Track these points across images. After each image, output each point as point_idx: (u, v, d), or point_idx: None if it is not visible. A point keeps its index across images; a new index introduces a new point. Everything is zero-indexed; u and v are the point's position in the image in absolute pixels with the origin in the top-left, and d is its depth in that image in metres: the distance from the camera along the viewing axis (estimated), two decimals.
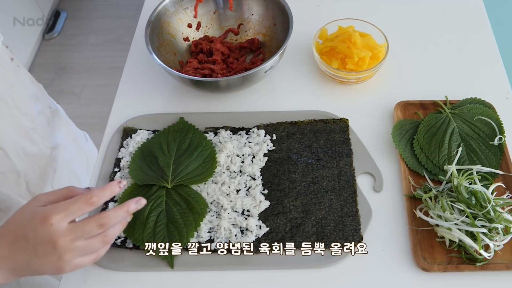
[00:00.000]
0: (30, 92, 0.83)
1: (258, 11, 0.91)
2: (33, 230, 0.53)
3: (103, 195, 0.55)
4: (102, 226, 0.55)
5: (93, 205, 0.54)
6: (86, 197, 0.54)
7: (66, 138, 0.89)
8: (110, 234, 0.56)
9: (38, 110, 0.83)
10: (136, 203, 0.58)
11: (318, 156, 0.75)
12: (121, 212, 0.57)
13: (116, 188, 0.57)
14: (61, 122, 0.90)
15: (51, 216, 0.53)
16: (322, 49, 0.86)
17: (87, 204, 0.54)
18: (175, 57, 0.88)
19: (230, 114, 0.82)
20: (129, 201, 0.58)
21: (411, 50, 0.90)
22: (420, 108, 0.80)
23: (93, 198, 0.54)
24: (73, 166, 0.88)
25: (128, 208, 0.57)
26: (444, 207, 0.65)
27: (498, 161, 0.72)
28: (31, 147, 0.78)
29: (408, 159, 0.74)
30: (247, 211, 0.70)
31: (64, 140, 0.88)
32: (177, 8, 0.89)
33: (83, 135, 1.01)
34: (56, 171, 0.82)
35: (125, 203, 0.58)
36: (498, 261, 0.64)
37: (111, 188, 0.56)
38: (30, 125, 0.79)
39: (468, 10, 0.96)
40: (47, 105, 0.87)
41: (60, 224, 0.53)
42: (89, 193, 0.55)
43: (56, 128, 0.88)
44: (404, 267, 0.65)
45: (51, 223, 0.52)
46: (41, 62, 2.14)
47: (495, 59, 0.88)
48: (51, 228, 0.52)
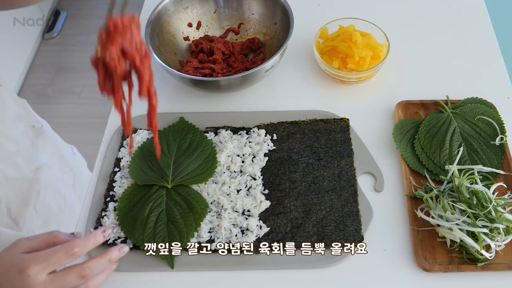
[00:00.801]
0: (12, 113, 0.79)
1: (258, 11, 0.91)
2: (9, 281, 0.51)
3: (85, 246, 0.54)
4: (84, 277, 0.53)
5: (74, 256, 0.53)
6: (67, 247, 0.53)
7: (50, 157, 0.85)
8: (92, 285, 0.54)
9: (21, 130, 0.80)
10: (119, 251, 0.57)
11: (318, 156, 0.75)
12: (104, 261, 0.55)
13: (100, 237, 0.56)
14: (45, 140, 0.85)
15: (29, 267, 0.51)
16: (322, 48, 0.86)
17: (68, 256, 0.52)
18: (175, 56, 0.88)
19: (230, 113, 0.81)
20: (111, 248, 0.57)
21: (412, 49, 0.90)
22: (421, 107, 0.80)
23: (75, 249, 0.53)
24: (59, 185, 0.85)
25: (111, 257, 0.56)
26: (445, 207, 0.65)
27: (499, 161, 0.72)
28: (13, 172, 0.75)
29: (409, 159, 0.73)
30: (248, 211, 0.70)
31: (48, 159, 0.84)
32: (177, 8, 0.89)
33: (71, 149, 0.96)
34: (39, 193, 0.79)
35: (108, 251, 0.56)
36: (499, 261, 0.64)
37: (94, 238, 0.55)
38: (13, 149, 0.75)
39: (469, 10, 0.96)
40: (30, 124, 0.83)
41: (37, 276, 0.51)
42: (71, 243, 0.53)
43: (40, 147, 0.83)
44: (405, 267, 0.65)
45: (28, 275, 0.50)
46: (41, 61, 2.14)
47: (497, 59, 0.88)
48: (28, 280, 0.50)
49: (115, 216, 0.70)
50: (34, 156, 0.80)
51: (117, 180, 0.74)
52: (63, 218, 0.83)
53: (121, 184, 0.73)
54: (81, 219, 0.71)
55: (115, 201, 0.71)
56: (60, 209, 0.83)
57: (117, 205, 0.70)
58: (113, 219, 0.69)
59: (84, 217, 0.71)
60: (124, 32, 0.54)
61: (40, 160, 0.81)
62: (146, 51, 0.56)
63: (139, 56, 0.55)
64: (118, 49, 0.54)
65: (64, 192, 0.85)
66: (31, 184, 0.77)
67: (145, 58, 0.56)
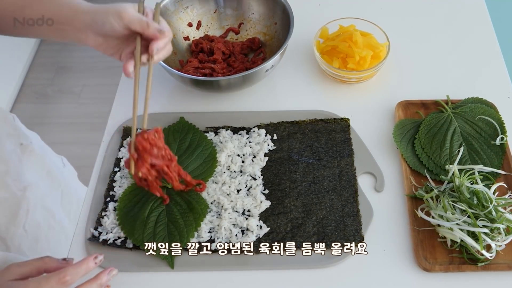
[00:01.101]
0: (1, 132, 0.78)
1: (258, 10, 0.91)
2: None
3: (77, 273, 0.54)
4: None
5: (65, 284, 0.53)
6: (59, 276, 0.52)
7: (38, 174, 0.84)
8: None
9: (10, 148, 0.79)
10: (108, 274, 0.57)
11: (319, 156, 0.75)
12: (95, 286, 0.56)
13: (92, 264, 0.56)
14: (33, 157, 0.83)
15: None
16: (323, 48, 0.86)
17: (59, 284, 0.52)
18: (176, 56, 0.88)
19: (230, 113, 0.81)
20: (100, 273, 0.57)
21: (413, 49, 0.90)
22: (421, 107, 0.80)
23: (67, 277, 0.53)
24: (47, 202, 0.84)
25: (101, 281, 0.56)
26: (446, 207, 0.65)
27: (500, 161, 0.72)
28: (3, 193, 0.74)
29: (409, 159, 0.73)
30: (248, 211, 0.70)
31: (36, 176, 0.83)
32: (177, 7, 0.89)
33: (61, 160, 0.95)
34: (29, 212, 0.78)
35: (97, 276, 0.56)
36: (499, 261, 0.64)
37: (86, 265, 0.55)
38: (3, 168, 0.75)
39: (470, 10, 0.96)
40: (18, 141, 0.81)
41: None
42: (63, 271, 0.53)
43: (28, 164, 0.82)
44: (405, 267, 0.65)
45: None
46: (41, 61, 2.13)
47: (497, 59, 0.87)
48: None
49: (115, 216, 0.69)
50: (22, 175, 0.79)
51: (117, 180, 0.74)
52: (52, 235, 0.83)
53: (121, 184, 0.73)
54: (81, 219, 0.71)
55: (115, 201, 0.71)
56: (50, 226, 0.83)
57: (117, 205, 0.70)
58: (113, 219, 0.69)
59: (84, 217, 0.71)
60: (152, 150, 0.61)
61: (28, 178, 0.80)
62: (171, 156, 0.64)
63: (166, 164, 0.63)
64: (148, 166, 0.62)
65: (53, 208, 0.85)
66: (20, 203, 0.77)
67: (171, 162, 0.64)
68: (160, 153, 0.62)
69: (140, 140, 0.61)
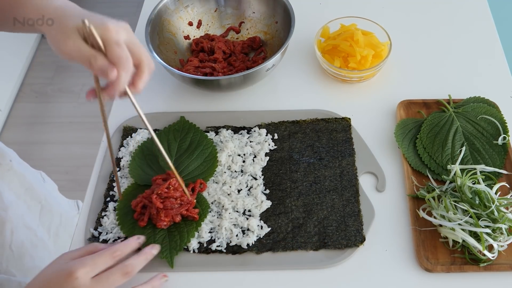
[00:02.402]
0: None
1: (259, 9, 0.90)
2: (58, 284, 0.54)
3: (125, 249, 0.59)
4: (127, 274, 0.57)
5: (116, 258, 0.58)
6: (110, 250, 0.58)
7: (17, 192, 0.84)
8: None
9: None
10: (160, 280, 0.61)
11: (320, 155, 0.74)
12: (143, 260, 0.60)
13: (135, 243, 0.62)
14: (11, 175, 0.83)
15: (77, 270, 0.54)
16: (324, 47, 0.85)
17: (112, 258, 0.57)
18: (176, 55, 0.87)
19: (231, 113, 0.81)
20: (153, 278, 0.61)
21: (414, 48, 0.89)
22: (423, 107, 0.79)
23: (117, 252, 0.58)
24: (27, 220, 0.84)
25: (153, 285, 0.61)
26: (448, 207, 0.64)
27: (502, 160, 0.72)
28: None
29: (411, 159, 0.73)
30: (249, 211, 0.69)
31: (16, 195, 0.83)
32: (178, 6, 0.88)
33: (39, 175, 0.94)
34: (13, 232, 0.79)
35: (150, 280, 0.61)
36: (502, 261, 0.63)
37: (131, 244, 0.61)
38: None
39: (472, 9, 0.95)
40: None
41: (85, 278, 0.54)
42: (113, 247, 0.59)
43: (8, 184, 0.82)
44: (407, 267, 0.65)
45: (76, 277, 0.54)
46: (41, 60, 2.13)
47: (499, 58, 0.87)
48: (76, 282, 0.54)
49: (115, 216, 0.69)
50: (3, 195, 0.79)
51: None
52: (36, 253, 0.83)
53: (121, 184, 0.73)
54: (81, 218, 0.71)
55: (115, 201, 0.71)
56: (33, 243, 0.83)
57: (117, 205, 0.70)
58: (113, 219, 0.69)
59: (84, 217, 0.70)
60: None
61: (8, 197, 0.80)
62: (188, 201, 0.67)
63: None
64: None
65: (33, 225, 0.85)
66: (4, 224, 0.77)
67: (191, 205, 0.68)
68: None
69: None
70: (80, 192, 0.85)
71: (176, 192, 0.66)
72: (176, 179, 0.66)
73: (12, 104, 1.96)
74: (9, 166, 0.83)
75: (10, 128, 1.90)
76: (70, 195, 1.02)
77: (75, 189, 1.14)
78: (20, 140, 1.86)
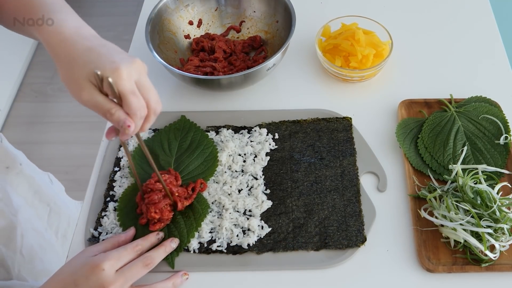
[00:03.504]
0: None
1: (260, 8, 0.90)
2: (84, 276, 0.56)
3: (145, 244, 0.63)
4: (148, 265, 0.60)
5: (137, 252, 0.61)
6: (132, 245, 0.61)
7: (26, 195, 0.84)
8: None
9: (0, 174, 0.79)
10: (181, 277, 0.63)
11: (321, 155, 0.74)
12: (162, 252, 0.63)
13: (155, 239, 0.64)
14: (20, 179, 0.83)
15: (103, 262, 0.57)
16: (325, 46, 0.85)
17: (134, 251, 0.61)
18: (176, 55, 0.87)
19: (231, 112, 0.81)
20: (174, 275, 0.63)
21: (416, 48, 0.89)
22: (424, 106, 0.79)
23: (138, 246, 0.61)
24: (35, 224, 0.84)
25: (175, 282, 0.62)
26: (449, 207, 0.64)
27: (503, 160, 0.72)
28: (1, 221, 0.75)
29: (412, 158, 0.73)
30: (249, 211, 0.69)
31: (24, 199, 0.83)
32: (178, 5, 0.88)
33: (47, 177, 0.94)
34: (23, 236, 0.79)
35: (171, 277, 0.63)
36: (503, 261, 0.63)
37: (151, 239, 0.64)
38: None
39: (473, 9, 0.95)
40: (5, 165, 0.80)
41: (111, 270, 0.57)
42: (134, 242, 0.62)
43: (17, 187, 0.82)
44: (408, 268, 0.64)
45: (102, 269, 0.56)
46: (41, 60, 2.13)
47: (501, 57, 0.87)
48: (103, 273, 0.56)
49: (115, 216, 0.69)
50: (12, 199, 0.79)
51: (117, 180, 0.73)
52: (45, 256, 0.83)
53: (121, 183, 0.72)
54: (81, 218, 0.70)
55: (115, 201, 0.71)
56: (41, 247, 0.83)
57: (117, 205, 0.70)
58: (113, 219, 0.69)
59: (84, 217, 0.70)
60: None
61: (17, 201, 0.80)
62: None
63: None
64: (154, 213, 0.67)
65: (41, 229, 0.86)
66: (15, 228, 0.78)
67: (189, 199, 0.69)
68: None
69: None
70: (80, 192, 0.85)
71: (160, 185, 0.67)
72: (159, 178, 0.66)
73: (12, 104, 1.96)
74: (18, 169, 0.83)
75: (9, 127, 1.90)
76: (70, 195, 1.01)
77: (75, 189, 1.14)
78: (20, 140, 1.86)
